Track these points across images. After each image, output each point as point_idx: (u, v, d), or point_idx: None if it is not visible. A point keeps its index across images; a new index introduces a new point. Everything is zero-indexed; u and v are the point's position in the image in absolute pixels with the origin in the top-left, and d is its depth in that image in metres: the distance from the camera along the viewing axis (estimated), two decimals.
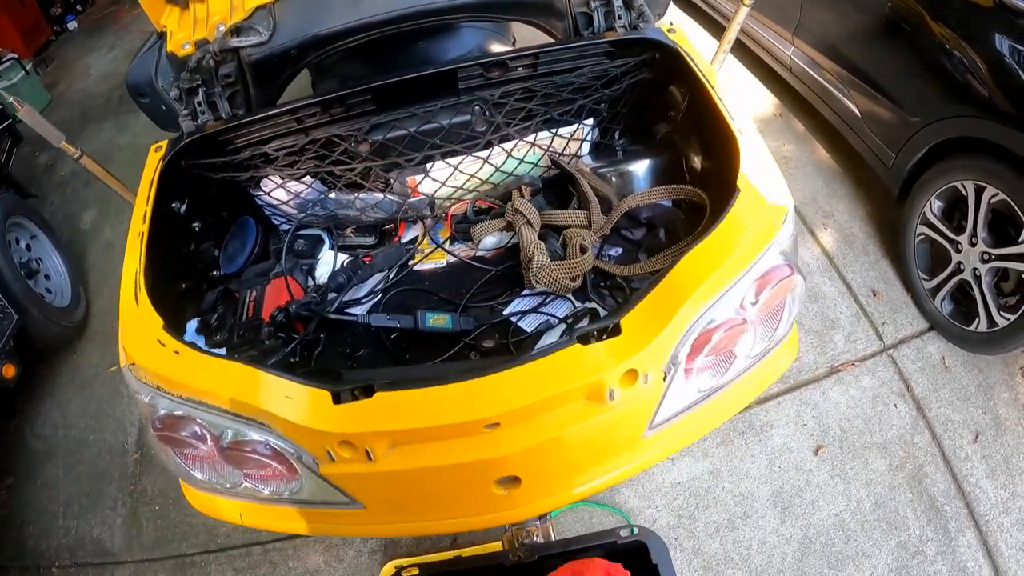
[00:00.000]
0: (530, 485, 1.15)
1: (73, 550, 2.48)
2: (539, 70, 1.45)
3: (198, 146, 1.46)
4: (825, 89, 2.97)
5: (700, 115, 1.39)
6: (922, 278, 2.60)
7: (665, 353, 1.07)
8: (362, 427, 1.04)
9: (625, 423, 1.13)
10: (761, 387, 1.28)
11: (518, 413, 1.04)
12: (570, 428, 1.08)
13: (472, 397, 1.03)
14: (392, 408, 1.04)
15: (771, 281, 1.14)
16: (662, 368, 1.08)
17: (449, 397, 1.04)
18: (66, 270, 3.07)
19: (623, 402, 1.08)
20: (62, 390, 2.91)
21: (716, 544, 2.19)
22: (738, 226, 1.13)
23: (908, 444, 2.34)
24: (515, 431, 1.07)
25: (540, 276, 1.28)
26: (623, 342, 1.05)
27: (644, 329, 1.06)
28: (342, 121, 1.46)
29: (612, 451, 1.19)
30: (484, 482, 1.13)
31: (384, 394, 1.05)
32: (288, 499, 1.24)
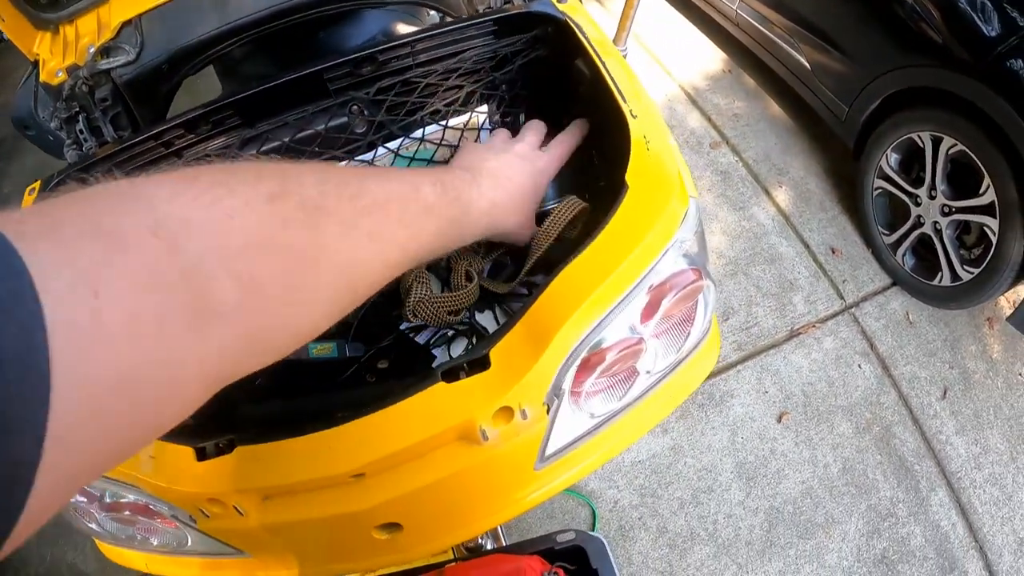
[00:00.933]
0: (414, 530, 1.00)
1: None
2: (418, 59, 1.25)
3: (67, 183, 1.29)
4: (773, 43, 2.75)
5: (591, 96, 1.19)
6: (882, 233, 2.41)
7: (544, 384, 0.89)
8: (225, 485, 0.90)
9: (509, 461, 0.96)
10: (676, 400, 1.10)
11: (382, 462, 0.88)
12: (444, 472, 0.92)
13: (332, 449, 0.87)
14: (254, 463, 0.89)
15: (671, 289, 0.95)
16: (543, 400, 0.91)
17: (311, 450, 0.89)
18: None
19: (501, 440, 0.91)
20: None
21: (681, 520, 2.07)
22: (626, 229, 0.94)
23: (874, 405, 2.19)
24: (383, 479, 0.92)
25: (418, 309, 1.10)
26: (493, 376, 0.88)
27: (517, 360, 0.88)
28: (212, 138, 1.27)
29: (501, 488, 1.03)
30: (363, 530, 0.99)
31: (244, 448, 0.90)
32: (180, 550, 1.11)
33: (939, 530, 2.00)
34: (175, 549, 1.12)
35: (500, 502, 1.02)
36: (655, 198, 0.97)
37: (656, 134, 1.04)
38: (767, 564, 1.99)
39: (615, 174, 1.05)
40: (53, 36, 1.51)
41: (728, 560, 2.00)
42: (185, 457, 0.92)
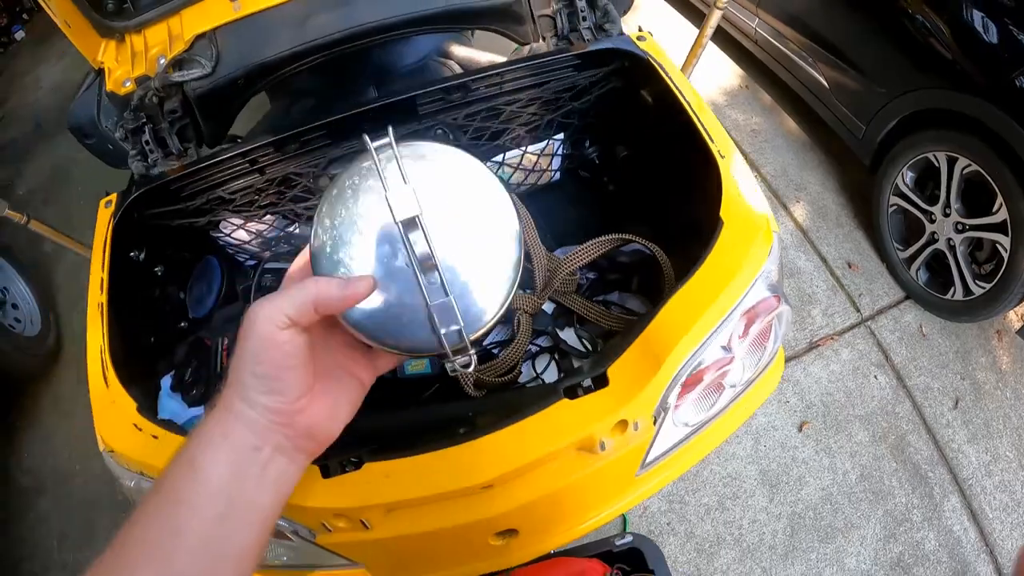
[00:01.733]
0: (528, 534, 1.13)
1: None
2: (504, 88, 1.36)
3: (149, 195, 1.37)
4: (791, 60, 2.91)
5: (675, 134, 1.31)
6: (897, 248, 2.59)
7: (654, 400, 1.03)
8: (354, 501, 1.00)
9: (617, 468, 1.10)
10: (749, 411, 1.25)
11: (511, 474, 1.00)
12: (563, 481, 1.04)
13: (463, 463, 0.99)
14: (383, 479, 1.00)
15: (759, 314, 1.10)
16: (652, 413, 1.04)
17: (440, 464, 1.00)
18: (33, 297, 2.94)
19: (614, 451, 1.04)
20: (43, 421, 2.82)
21: (708, 526, 2.21)
22: (723, 262, 1.08)
23: (890, 414, 2.37)
24: (509, 489, 1.04)
25: (469, 381, 1.23)
26: (611, 393, 1.01)
27: (632, 377, 1.01)
28: (298, 157, 1.36)
29: (606, 494, 1.16)
30: (482, 537, 1.10)
31: (373, 464, 1.00)
32: (287, 564, 1.20)
33: (952, 535, 2.18)
34: (282, 564, 1.20)
35: (604, 505, 1.16)
36: (746, 233, 1.12)
37: (743, 174, 1.18)
38: (790, 567, 2.15)
39: (704, 210, 1.19)
40: (118, 44, 1.57)
41: (753, 564, 2.15)
42: (310, 473, 1.01)
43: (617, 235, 1.25)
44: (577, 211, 1.58)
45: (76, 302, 3.14)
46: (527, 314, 1.28)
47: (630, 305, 1.34)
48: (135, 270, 1.42)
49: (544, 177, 1.55)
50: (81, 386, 2.75)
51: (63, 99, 4.41)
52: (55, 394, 2.87)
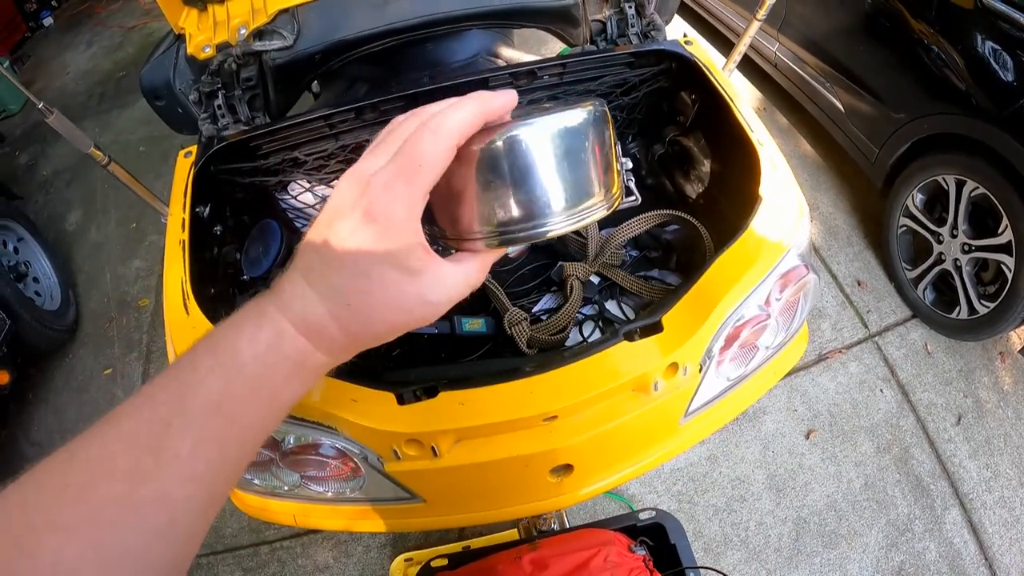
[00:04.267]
0: (581, 472, 1.28)
1: None
2: (565, 78, 1.55)
3: (227, 151, 1.52)
4: (809, 85, 3.15)
5: (715, 125, 1.51)
6: (905, 268, 2.79)
7: (702, 347, 1.20)
8: (429, 426, 1.14)
9: (665, 412, 1.26)
10: (779, 374, 1.43)
11: (574, 407, 1.16)
12: (619, 418, 1.20)
13: (534, 393, 1.14)
14: (457, 406, 1.15)
15: (791, 280, 1.28)
16: (699, 361, 1.21)
17: (512, 393, 1.15)
18: (54, 273, 3.08)
19: (665, 392, 1.21)
20: (56, 395, 2.94)
21: (715, 526, 2.37)
22: (761, 232, 1.26)
23: (894, 427, 2.54)
24: (571, 423, 1.20)
25: (532, 343, 1.40)
26: (665, 338, 1.18)
27: (684, 326, 1.19)
28: (373, 126, 1.53)
29: (653, 438, 1.32)
30: (541, 471, 1.25)
31: (449, 393, 1.16)
32: (348, 498, 1.33)
33: (952, 547, 2.33)
34: (342, 497, 1.33)
35: (649, 450, 1.32)
36: (782, 209, 1.31)
37: (778, 160, 1.38)
38: (794, 571, 2.29)
39: (744, 190, 1.38)
40: (200, 13, 1.75)
41: (759, 565, 2.30)
42: (386, 401, 1.17)
43: (664, 211, 1.44)
44: None
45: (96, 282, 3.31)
46: (579, 280, 1.46)
47: (669, 281, 1.53)
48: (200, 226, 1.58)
49: None
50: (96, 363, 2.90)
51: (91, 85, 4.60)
52: (69, 370, 2.99)
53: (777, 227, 1.28)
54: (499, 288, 1.49)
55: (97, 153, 1.73)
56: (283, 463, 1.27)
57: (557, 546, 1.41)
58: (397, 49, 1.78)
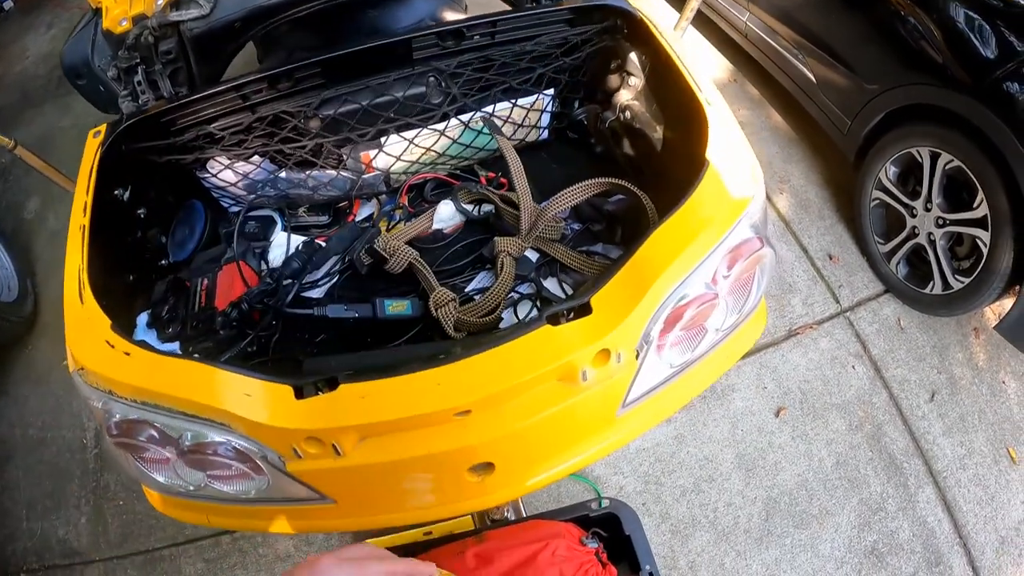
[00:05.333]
0: (504, 470, 1.10)
1: (40, 553, 2.37)
2: (497, 38, 1.37)
3: (139, 129, 1.35)
4: (781, 55, 2.95)
5: (664, 86, 1.33)
6: (877, 242, 2.62)
7: (638, 331, 1.02)
8: (328, 422, 0.98)
9: (598, 403, 1.09)
10: (731, 360, 1.25)
11: (489, 399, 0.99)
12: (544, 411, 1.03)
13: (441, 385, 0.97)
14: (358, 400, 0.98)
15: (742, 255, 1.10)
16: (635, 346, 1.04)
17: (417, 386, 0.98)
18: (11, 263, 2.88)
19: (596, 382, 1.04)
20: (16, 388, 2.76)
21: (683, 508, 2.21)
22: (708, 200, 1.08)
23: (867, 404, 2.38)
24: (487, 417, 1.02)
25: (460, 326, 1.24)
26: (594, 321, 1.00)
27: (616, 307, 1.01)
28: (290, 96, 1.36)
29: (586, 432, 1.15)
30: (457, 470, 1.08)
31: (349, 386, 0.99)
32: (255, 498, 1.17)
33: (926, 526, 2.18)
34: (249, 498, 1.18)
35: (583, 445, 1.15)
36: (732, 175, 1.12)
37: (728, 121, 1.19)
38: (764, 552, 2.14)
39: (691, 154, 1.20)
40: None
41: (727, 547, 2.14)
42: (283, 395, 1.00)
43: (603, 179, 1.26)
44: (564, 170, 1.58)
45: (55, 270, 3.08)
46: (511, 256, 1.28)
47: (614, 256, 1.35)
48: (118, 209, 1.40)
49: (532, 134, 1.55)
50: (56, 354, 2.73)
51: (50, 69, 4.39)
52: (28, 361, 2.82)
53: (726, 194, 1.09)
54: (426, 267, 1.31)
55: (1, 138, 1.56)
56: (184, 461, 1.10)
57: (504, 539, 1.27)
58: (335, 17, 1.59)
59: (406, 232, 1.42)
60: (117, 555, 2.28)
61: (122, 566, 2.25)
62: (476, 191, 1.45)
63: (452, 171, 1.56)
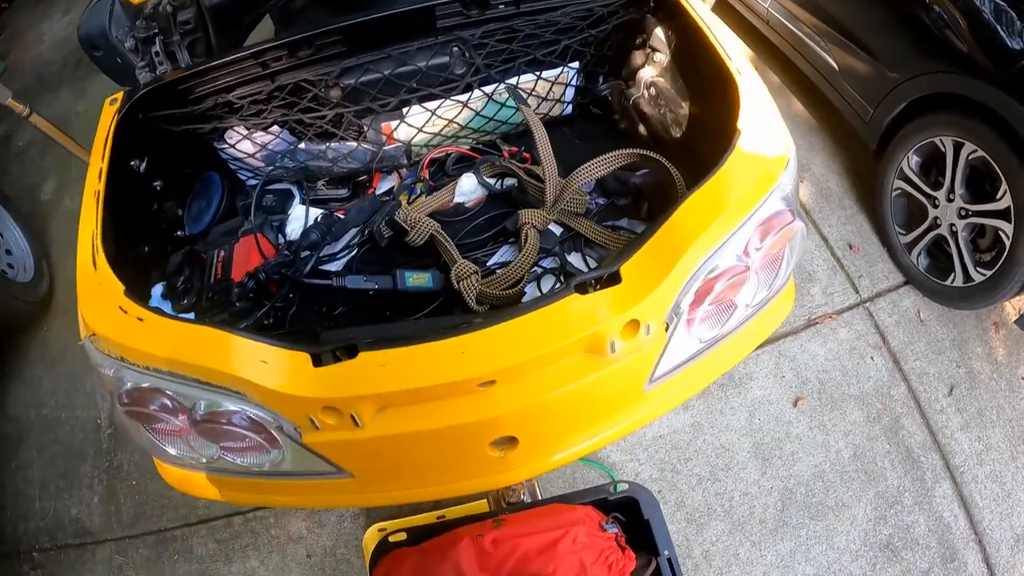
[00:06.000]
0: (527, 445, 1.06)
1: (52, 532, 2.34)
2: (522, 8, 1.32)
3: (156, 97, 1.31)
4: (802, 42, 2.88)
5: (693, 56, 1.28)
6: (898, 232, 2.55)
7: (668, 302, 0.97)
8: (347, 391, 0.93)
9: (626, 377, 1.04)
10: (760, 337, 1.20)
11: (515, 369, 0.94)
12: (570, 384, 0.98)
13: (465, 354, 0.92)
14: (378, 369, 0.93)
15: (773, 227, 1.05)
16: (664, 318, 0.99)
17: (440, 354, 0.93)
18: (27, 244, 2.86)
19: (624, 354, 0.99)
20: (31, 368, 2.73)
21: (699, 496, 2.15)
22: (740, 170, 1.03)
23: (885, 396, 2.31)
24: (512, 388, 0.97)
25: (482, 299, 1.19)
26: (624, 291, 0.96)
27: (646, 277, 0.96)
28: (311, 65, 1.31)
29: (612, 407, 1.10)
30: (479, 444, 1.03)
31: (369, 354, 0.94)
32: (269, 471, 1.12)
33: (942, 521, 2.11)
34: (263, 471, 1.13)
35: (610, 420, 1.10)
36: (763, 146, 1.07)
37: (759, 91, 1.14)
38: (779, 543, 2.08)
39: (722, 124, 1.15)
40: None
41: (742, 537, 2.09)
42: (300, 363, 0.95)
43: (630, 150, 1.21)
44: (587, 145, 1.52)
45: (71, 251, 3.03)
46: (535, 229, 1.23)
47: (639, 231, 1.30)
48: (135, 180, 1.37)
49: (556, 108, 1.50)
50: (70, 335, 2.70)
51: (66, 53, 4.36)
52: (43, 342, 2.79)
53: (758, 165, 1.04)
54: (448, 240, 1.26)
55: (16, 104, 1.52)
56: (197, 432, 1.06)
57: (523, 524, 1.22)
58: None
59: (427, 205, 1.37)
60: (129, 535, 2.25)
61: (134, 546, 2.23)
62: (499, 164, 1.40)
63: (474, 145, 1.51)
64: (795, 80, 3.24)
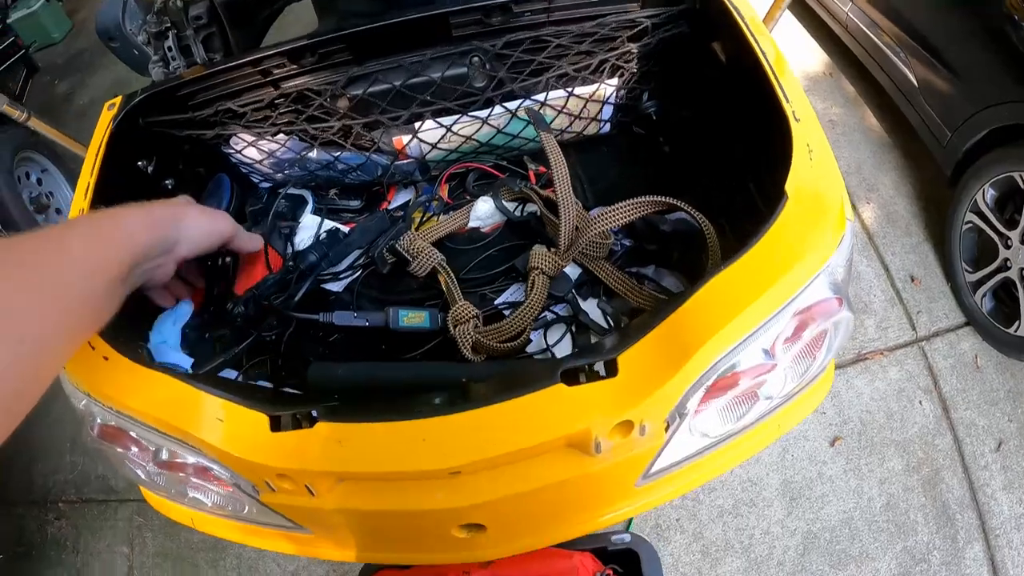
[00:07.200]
0: (497, 532, 0.90)
1: (79, 486, 2.35)
2: (552, 16, 1.11)
3: (156, 102, 1.17)
4: (882, 52, 2.54)
5: (744, 88, 1.05)
6: (965, 270, 2.24)
7: (671, 402, 0.79)
8: (301, 463, 0.79)
9: (613, 475, 0.86)
10: (782, 430, 1.00)
11: (483, 463, 0.77)
12: (546, 480, 0.81)
13: (427, 442, 0.77)
14: (335, 444, 0.79)
15: (814, 319, 0.84)
16: (665, 418, 0.80)
17: (401, 438, 0.78)
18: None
19: (612, 455, 0.81)
20: None
21: (718, 529, 1.98)
22: (781, 246, 0.81)
23: (928, 445, 2.07)
24: (479, 480, 0.82)
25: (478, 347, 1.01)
26: (619, 386, 0.77)
27: (648, 372, 0.77)
28: (315, 72, 1.15)
29: (596, 502, 0.93)
30: (443, 527, 0.89)
31: (328, 425, 0.79)
32: (233, 515, 1.02)
33: None
34: (228, 513, 1.03)
35: (591, 514, 0.93)
36: (813, 215, 0.85)
37: (819, 143, 0.91)
38: None
39: (768, 181, 0.93)
40: None
41: None
42: (258, 424, 0.81)
43: (659, 197, 1.00)
44: (623, 170, 1.31)
45: None
46: (544, 275, 1.05)
47: (666, 283, 1.09)
48: (143, 181, 1.24)
49: (591, 127, 1.29)
50: None
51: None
52: None
53: (805, 241, 0.82)
54: (451, 276, 1.09)
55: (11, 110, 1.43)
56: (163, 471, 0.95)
57: (514, 567, 1.10)
58: None
59: (438, 229, 1.20)
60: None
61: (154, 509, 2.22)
62: (519, 189, 1.21)
63: (498, 161, 1.32)
64: (871, 91, 2.90)
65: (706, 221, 0.97)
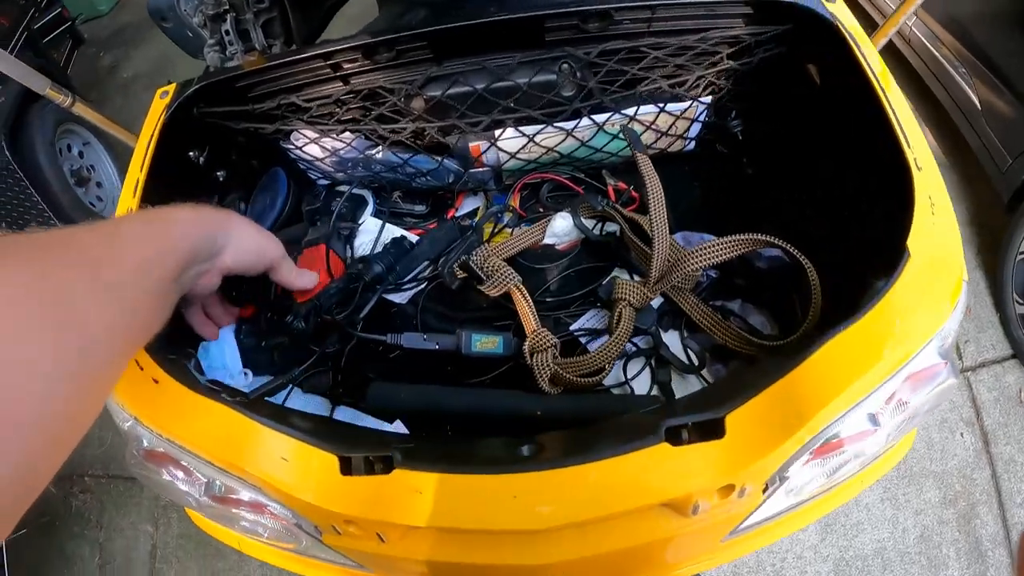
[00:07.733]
0: None
1: (106, 462, 2.32)
2: (653, 27, 1.03)
3: (213, 92, 1.10)
4: (944, 70, 2.44)
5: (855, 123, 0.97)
6: (1016, 302, 2.17)
7: (774, 467, 0.73)
8: (375, 513, 0.73)
9: (702, 534, 0.81)
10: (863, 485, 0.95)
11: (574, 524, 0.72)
12: (637, 541, 0.76)
13: (520, 500, 0.71)
14: (413, 494, 0.73)
15: (920, 384, 0.78)
16: (764, 481, 0.74)
17: (488, 493, 0.72)
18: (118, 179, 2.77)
19: (708, 516, 0.76)
20: None
21: None
22: (897, 309, 0.75)
23: (967, 479, 2.01)
24: (564, 536, 0.76)
25: (556, 380, 0.95)
26: (726, 448, 0.71)
27: (756, 435, 0.71)
28: (390, 70, 1.07)
29: (677, 558, 0.88)
30: None
31: (405, 472, 0.74)
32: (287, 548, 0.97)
33: None
34: (282, 545, 0.98)
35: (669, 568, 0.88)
36: (933, 276, 0.78)
37: (940, 195, 0.84)
38: None
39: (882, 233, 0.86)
40: None
41: None
42: (327, 466, 0.75)
43: (762, 236, 0.92)
44: (705, 192, 1.24)
45: None
46: (631, 307, 0.98)
47: (752, 320, 1.02)
48: (193, 173, 1.18)
49: (676, 144, 1.21)
50: None
51: None
52: None
53: (922, 302, 0.76)
54: (528, 299, 1.02)
55: (55, 94, 1.36)
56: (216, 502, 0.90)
57: None
58: None
59: (512, 244, 1.13)
60: None
61: None
62: (601, 208, 1.14)
63: (574, 173, 1.25)
64: (930, 109, 2.79)
65: (810, 266, 0.90)
